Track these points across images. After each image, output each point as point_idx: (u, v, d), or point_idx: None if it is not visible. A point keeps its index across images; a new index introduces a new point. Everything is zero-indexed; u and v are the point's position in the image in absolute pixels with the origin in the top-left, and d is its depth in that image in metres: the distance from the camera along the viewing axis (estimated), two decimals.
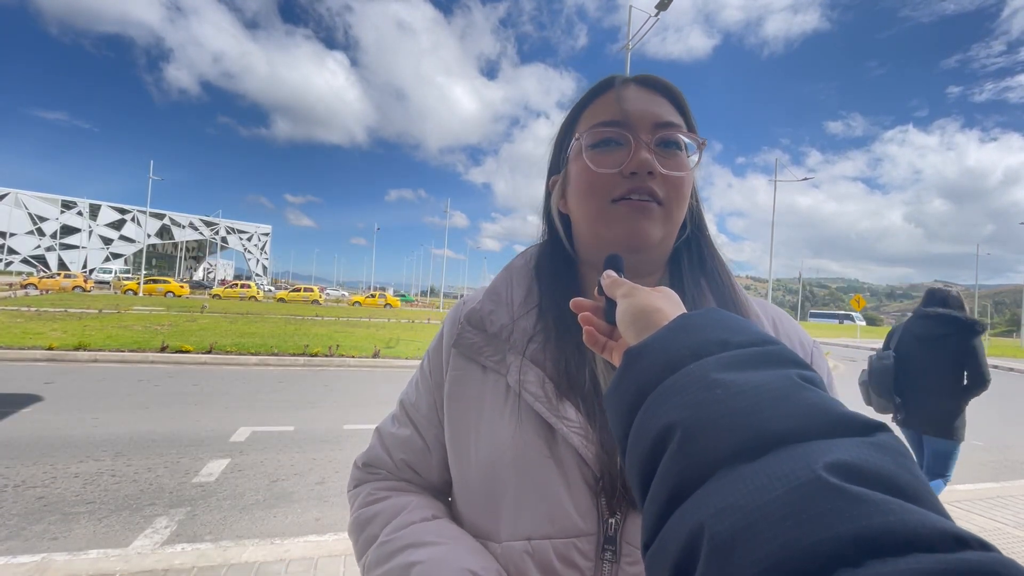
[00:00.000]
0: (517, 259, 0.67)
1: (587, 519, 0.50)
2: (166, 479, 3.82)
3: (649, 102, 0.57)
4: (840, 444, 0.23)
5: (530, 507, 0.52)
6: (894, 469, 0.22)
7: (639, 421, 0.31)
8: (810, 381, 0.29)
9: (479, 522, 0.56)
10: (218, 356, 9.41)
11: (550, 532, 0.51)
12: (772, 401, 0.26)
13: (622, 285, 0.45)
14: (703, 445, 0.26)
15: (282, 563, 2.60)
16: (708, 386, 0.28)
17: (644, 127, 0.55)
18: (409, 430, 0.66)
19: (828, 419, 0.25)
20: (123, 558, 2.56)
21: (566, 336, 0.57)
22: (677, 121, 0.57)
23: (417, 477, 0.65)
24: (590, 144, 0.57)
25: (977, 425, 7.76)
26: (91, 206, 73.19)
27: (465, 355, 0.60)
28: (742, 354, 0.31)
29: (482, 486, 0.55)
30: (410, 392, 0.68)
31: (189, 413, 5.67)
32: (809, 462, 0.22)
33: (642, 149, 0.54)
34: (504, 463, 0.53)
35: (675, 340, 0.34)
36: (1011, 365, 19.24)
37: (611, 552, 0.50)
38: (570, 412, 0.53)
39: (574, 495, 0.51)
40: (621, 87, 0.58)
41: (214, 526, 3.17)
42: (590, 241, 0.59)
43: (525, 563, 0.51)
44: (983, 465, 5.62)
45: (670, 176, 0.55)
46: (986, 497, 4.22)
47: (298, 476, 4.07)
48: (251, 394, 6.98)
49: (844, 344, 27.99)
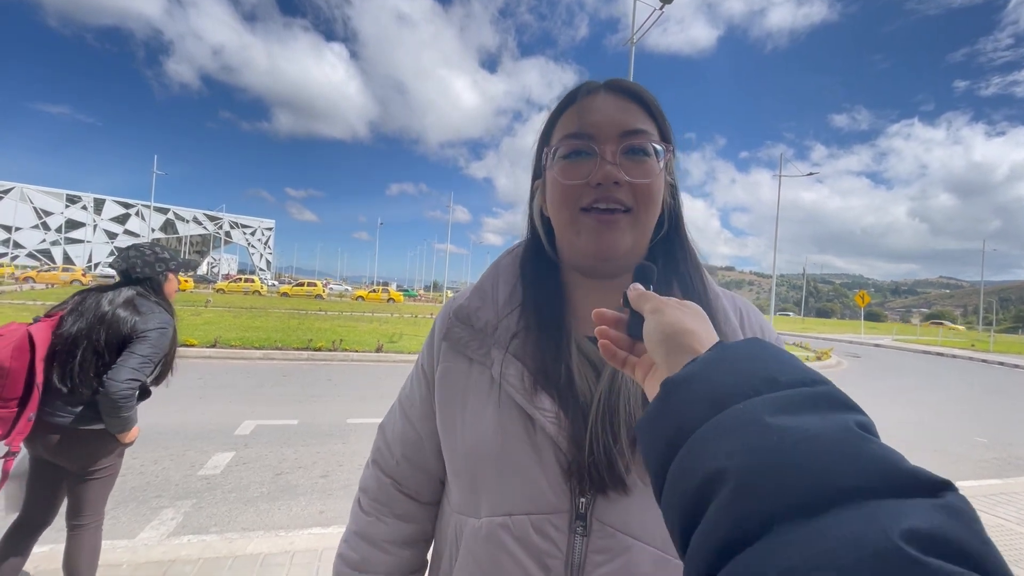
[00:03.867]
0: (504, 256, 0.72)
1: (560, 498, 0.56)
2: (172, 472, 3.86)
3: (617, 109, 0.59)
4: (911, 507, 0.22)
5: (510, 487, 0.57)
6: (968, 537, 0.21)
7: (682, 460, 0.30)
8: (867, 428, 0.27)
9: (464, 499, 0.62)
10: (222, 350, 9.48)
11: (528, 509, 0.56)
12: (833, 452, 0.25)
13: (650, 300, 0.44)
14: (759, 497, 0.24)
15: (287, 555, 2.62)
16: (762, 432, 0.27)
17: (610, 136, 0.58)
18: (404, 424, 0.73)
19: (895, 476, 0.24)
20: (130, 549, 2.59)
21: (545, 334, 0.61)
22: (645, 127, 0.59)
23: (414, 469, 0.72)
24: (561, 155, 0.60)
25: (981, 422, 7.77)
26: (95, 200, 73.52)
27: (454, 348, 0.65)
28: (794, 395, 0.29)
29: (467, 467, 0.61)
30: (406, 387, 0.75)
31: (194, 407, 5.71)
32: (883, 527, 0.21)
33: (606, 162, 0.57)
34: (487, 447, 0.59)
35: (719, 374, 0.32)
36: (1016, 362, 19.12)
37: (582, 527, 0.55)
38: (546, 403, 0.57)
39: (549, 477, 0.56)
40: (589, 97, 0.61)
41: (219, 518, 3.20)
42: (566, 245, 0.63)
43: (504, 536, 0.57)
44: (987, 462, 5.60)
45: (637, 184, 0.57)
46: (990, 494, 4.21)
47: (302, 469, 4.10)
48: (255, 388, 7.03)
49: (848, 340, 27.88)
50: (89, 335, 1.80)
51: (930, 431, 6.92)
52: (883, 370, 14.64)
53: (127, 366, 1.79)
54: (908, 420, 7.54)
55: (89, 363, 1.80)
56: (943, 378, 13.60)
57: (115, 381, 1.75)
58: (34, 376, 1.72)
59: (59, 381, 1.78)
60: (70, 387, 1.78)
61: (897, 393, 10.43)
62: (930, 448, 6.00)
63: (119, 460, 1.98)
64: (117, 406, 1.76)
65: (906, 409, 8.52)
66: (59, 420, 1.78)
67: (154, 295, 1.99)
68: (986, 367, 17.76)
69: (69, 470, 1.86)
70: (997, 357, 20.88)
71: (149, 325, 1.87)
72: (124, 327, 1.84)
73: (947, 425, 7.43)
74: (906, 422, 7.39)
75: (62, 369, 1.79)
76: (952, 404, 9.42)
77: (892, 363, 16.79)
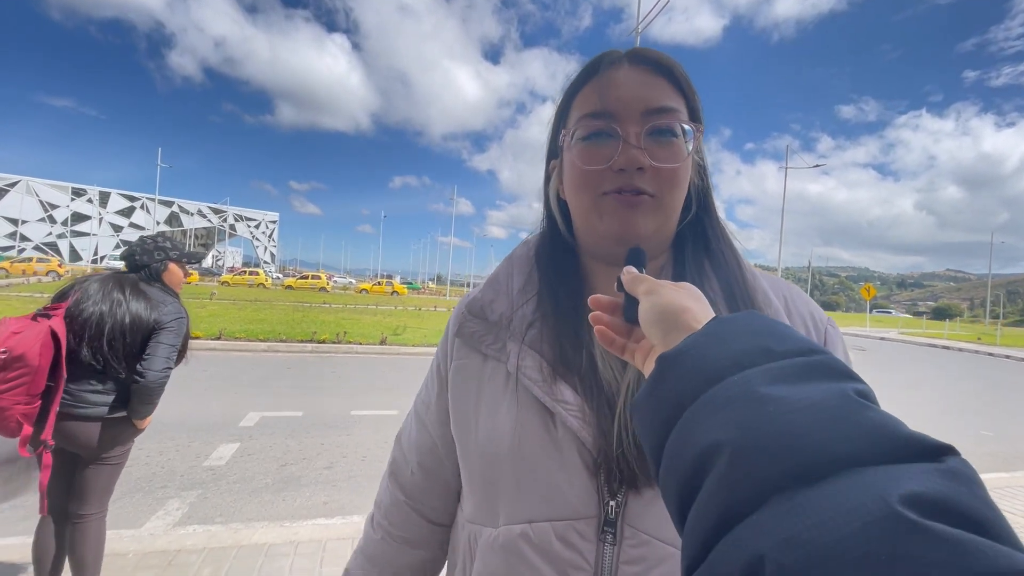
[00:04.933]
0: (519, 248, 0.68)
1: (587, 502, 0.51)
2: (177, 463, 3.89)
3: (641, 85, 0.54)
4: (910, 471, 0.21)
5: (530, 491, 0.53)
6: (971, 501, 0.20)
7: (677, 435, 0.29)
8: (866, 396, 0.27)
9: (479, 508, 0.58)
10: (227, 342, 9.55)
11: (550, 515, 0.51)
12: (830, 420, 0.24)
13: (643, 281, 0.43)
14: (755, 467, 0.24)
15: (291, 545, 2.65)
16: (757, 401, 0.26)
17: (633, 116, 0.53)
18: (419, 430, 0.69)
19: (894, 442, 0.23)
20: (136, 539, 2.62)
21: (564, 321, 0.57)
22: (671, 104, 0.54)
23: (429, 479, 0.69)
24: (579, 137, 0.55)
25: (988, 416, 7.74)
26: (101, 193, 73.76)
27: (468, 344, 0.61)
28: (789, 365, 0.28)
29: (482, 470, 0.57)
30: (421, 392, 0.71)
31: (199, 398, 5.75)
32: (881, 493, 0.20)
33: (630, 146, 0.52)
34: (503, 448, 0.54)
35: (714, 347, 0.32)
36: (1023, 355, 18.98)
37: (611, 535, 0.50)
38: (567, 395, 0.53)
39: (573, 478, 0.51)
40: (611, 69, 0.55)
41: (224, 508, 3.23)
42: (586, 231, 0.59)
43: (523, 546, 0.52)
44: (993, 455, 5.58)
45: (663, 168, 0.53)
46: (996, 487, 4.20)
47: (306, 461, 4.13)
48: (260, 380, 7.07)
49: (854, 334, 27.80)
50: (113, 315, 1.86)
51: (936, 424, 6.89)
52: (889, 363, 14.59)
53: (160, 356, 1.89)
54: (915, 413, 7.51)
55: (118, 342, 1.86)
56: (949, 372, 13.54)
57: (153, 371, 1.86)
58: (59, 370, 1.75)
59: (91, 358, 1.83)
60: (103, 366, 1.85)
61: (904, 386, 10.40)
62: None
63: (130, 447, 2.03)
64: (152, 394, 1.88)
65: (913, 402, 8.50)
66: (80, 410, 1.83)
67: (156, 282, 2.03)
68: (993, 360, 17.65)
69: (82, 457, 1.88)
70: (1004, 351, 20.72)
71: (169, 316, 1.95)
72: (147, 316, 1.91)
73: (953, 419, 7.42)
74: (913, 415, 7.36)
75: (92, 348, 1.84)
76: (958, 398, 9.38)
77: (898, 356, 16.72)
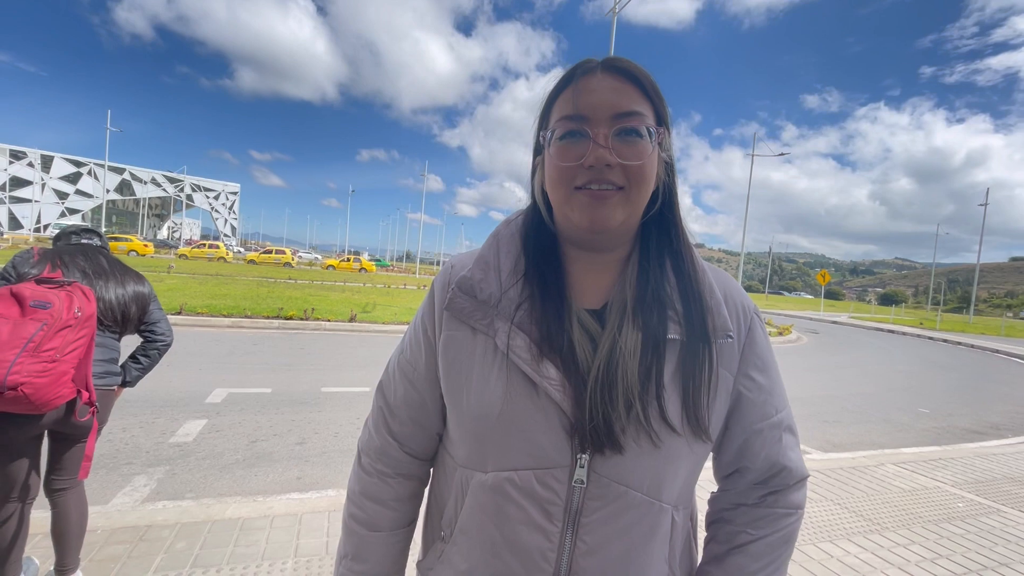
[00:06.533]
0: (502, 227, 0.74)
1: (562, 455, 0.61)
2: (142, 439, 3.79)
3: (611, 91, 0.61)
4: None
5: (516, 446, 0.62)
6: None
7: None
8: None
9: (471, 456, 0.67)
10: (189, 317, 9.22)
11: (532, 465, 0.62)
12: None
13: None
14: None
15: (266, 519, 2.64)
16: None
17: (603, 119, 0.60)
18: (408, 388, 0.74)
19: None
20: (104, 515, 2.56)
21: (550, 304, 0.65)
22: (638, 109, 0.61)
23: (419, 429, 0.76)
24: (556, 137, 0.63)
25: (925, 394, 8.32)
26: (43, 157, 68.78)
27: (457, 317, 0.67)
28: None
29: (475, 430, 0.65)
30: (406, 351, 0.76)
31: (162, 374, 5.56)
32: None
33: (599, 146, 0.60)
34: (494, 412, 0.62)
35: None
36: (959, 339, 20.42)
37: (581, 481, 0.61)
38: (551, 371, 0.61)
39: (552, 437, 0.61)
40: (585, 77, 0.62)
41: (194, 485, 3.19)
42: (562, 220, 0.67)
43: (509, 488, 0.63)
44: (928, 431, 6.03)
45: (629, 165, 0.60)
46: (929, 459, 4.56)
47: (277, 437, 4.09)
48: (225, 356, 6.90)
49: (808, 317, 29.11)
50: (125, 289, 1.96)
51: (879, 402, 7.38)
52: (839, 345, 15.42)
53: (164, 319, 2.10)
54: (860, 392, 8.01)
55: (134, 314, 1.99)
56: (893, 353, 14.43)
57: (168, 333, 2.10)
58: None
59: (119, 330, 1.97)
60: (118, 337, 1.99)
61: (851, 367, 11.05)
62: (878, 418, 6.41)
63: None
64: (163, 353, 2.09)
65: (858, 381, 9.05)
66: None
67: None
68: (932, 343, 18.92)
69: (63, 432, 1.82)
70: (942, 335, 22.39)
71: (148, 284, 2.08)
72: (143, 288, 2.03)
73: (895, 397, 7.94)
74: (858, 394, 7.85)
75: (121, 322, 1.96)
76: (900, 378, 10.04)
77: (847, 339, 17.69)
